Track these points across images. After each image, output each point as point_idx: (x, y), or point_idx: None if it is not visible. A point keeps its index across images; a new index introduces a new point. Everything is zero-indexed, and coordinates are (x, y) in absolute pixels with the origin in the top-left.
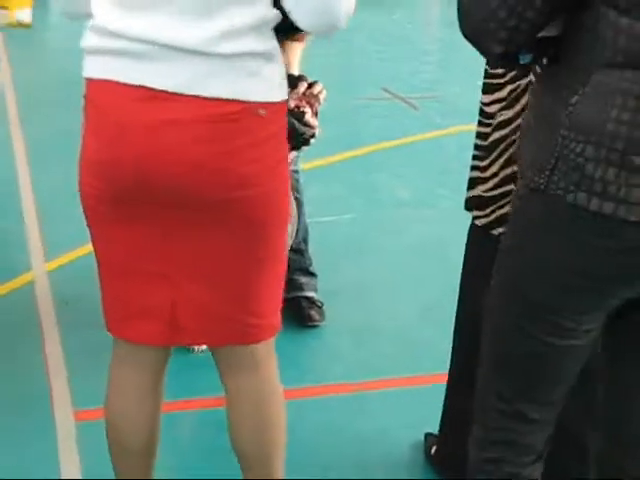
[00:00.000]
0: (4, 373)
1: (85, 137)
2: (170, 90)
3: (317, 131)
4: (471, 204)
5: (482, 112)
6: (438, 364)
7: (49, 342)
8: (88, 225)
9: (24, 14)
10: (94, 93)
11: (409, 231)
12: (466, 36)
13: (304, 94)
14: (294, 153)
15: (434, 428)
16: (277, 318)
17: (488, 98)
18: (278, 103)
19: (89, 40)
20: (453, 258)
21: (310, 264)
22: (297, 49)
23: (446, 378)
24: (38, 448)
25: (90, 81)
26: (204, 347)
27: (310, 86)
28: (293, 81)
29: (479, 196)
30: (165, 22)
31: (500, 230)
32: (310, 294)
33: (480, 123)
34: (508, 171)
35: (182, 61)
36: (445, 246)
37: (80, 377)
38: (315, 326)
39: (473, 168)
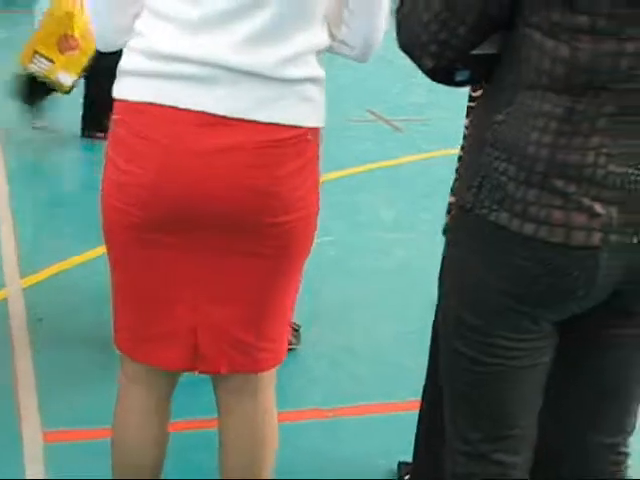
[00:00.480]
0: None
1: (117, 161)
2: (230, 116)
3: None
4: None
5: (464, 136)
6: (414, 391)
7: (20, 359)
8: (110, 248)
9: (67, 78)
10: (137, 117)
11: (391, 254)
12: (401, 48)
13: None
14: None
15: (408, 456)
16: (287, 344)
17: (467, 121)
18: (320, 127)
19: (134, 62)
20: (434, 283)
21: None
22: None
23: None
24: (3, 469)
25: (131, 104)
26: None
27: None
28: None
29: None
30: (228, 46)
31: None
32: None
33: (462, 147)
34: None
35: (244, 86)
36: (426, 270)
37: (50, 397)
38: (291, 349)
39: (452, 193)
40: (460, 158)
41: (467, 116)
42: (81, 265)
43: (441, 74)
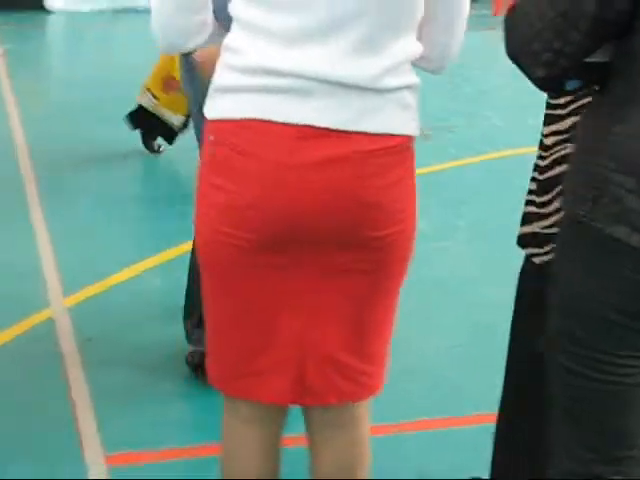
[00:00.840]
0: (29, 414)
1: (220, 183)
2: (333, 127)
3: None
4: (526, 240)
5: (541, 144)
6: (470, 406)
7: (74, 382)
8: (212, 277)
9: (174, 117)
10: (241, 134)
11: (429, 263)
12: (510, 56)
13: None
14: None
15: (477, 471)
16: (386, 368)
17: (547, 130)
18: (416, 136)
19: (232, 79)
20: (472, 292)
21: None
22: None
23: (474, 420)
24: None
25: (232, 122)
26: None
27: None
28: None
29: (536, 233)
30: (329, 59)
31: None
32: None
33: (539, 156)
34: None
35: (345, 97)
36: (464, 280)
37: (109, 419)
38: None
39: (529, 203)
40: (536, 166)
41: (546, 124)
42: (121, 284)
43: (551, 83)
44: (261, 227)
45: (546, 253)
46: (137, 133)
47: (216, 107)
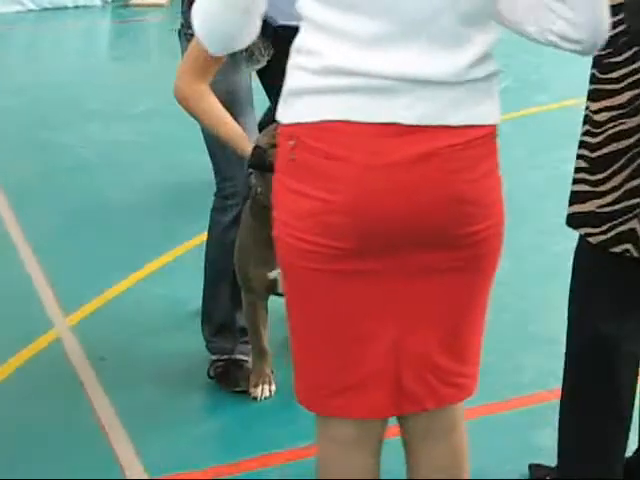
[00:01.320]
0: (61, 443)
1: (300, 189)
2: (418, 123)
3: None
4: (579, 220)
5: (589, 120)
6: (510, 389)
7: (98, 403)
8: (293, 289)
9: None
10: (324, 137)
11: None
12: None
13: None
14: None
15: (530, 458)
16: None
17: (597, 105)
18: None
19: (309, 81)
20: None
21: None
22: None
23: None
24: None
25: (313, 125)
26: (267, 394)
27: None
28: None
29: (591, 212)
30: (411, 58)
31: (623, 247)
32: None
33: (587, 133)
34: (635, 183)
35: (430, 93)
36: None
37: (146, 442)
38: None
39: (579, 181)
40: (583, 143)
41: (595, 99)
42: (121, 295)
43: None
44: (350, 233)
45: (603, 232)
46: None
47: (293, 110)
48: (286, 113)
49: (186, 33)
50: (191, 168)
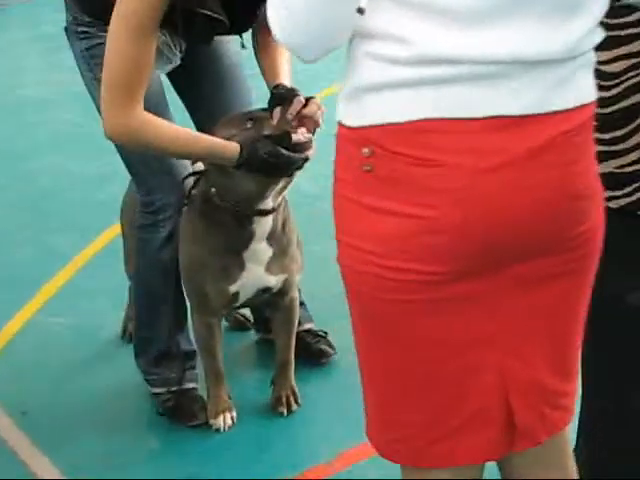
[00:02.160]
0: None
1: (380, 207)
2: (523, 113)
3: (311, 152)
4: None
5: (600, 74)
6: None
7: (39, 468)
8: (375, 325)
9: None
10: (418, 140)
11: None
12: None
13: (298, 114)
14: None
15: None
16: None
17: (609, 55)
18: None
19: (386, 73)
20: None
21: None
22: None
23: None
24: None
25: (401, 126)
26: (230, 422)
27: (306, 103)
28: (286, 95)
29: (611, 173)
30: (515, 37)
31: None
32: (309, 326)
33: (599, 87)
34: None
35: (538, 76)
36: None
37: None
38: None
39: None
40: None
41: (607, 48)
42: (20, 333)
43: None
44: (454, 253)
45: (626, 195)
46: None
47: (367, 110)
48: (355, 114)
49: (77, 31)
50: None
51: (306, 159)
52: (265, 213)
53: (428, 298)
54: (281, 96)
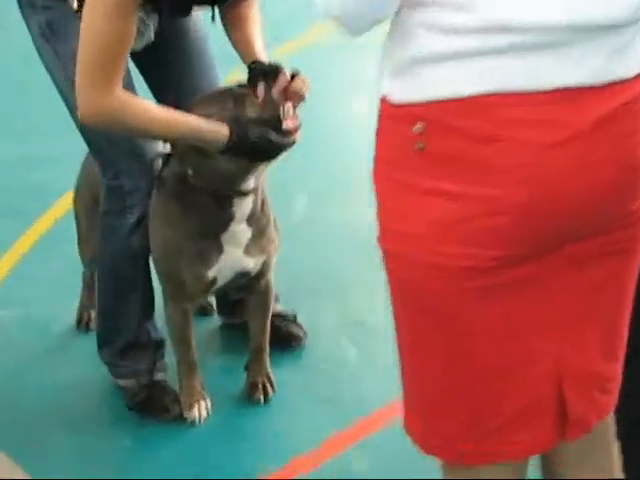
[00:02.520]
0: None
1: (437, 188)
2: (586, 82)
3: (298, 136)
4: None
5: None
6: None
7: (9, 475)
8: (425, 315)
9: None
10: (469, 116)
11: None
12: None
13: (285, 89)
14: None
15: None
16: None
17: None
18: None
19: (443, 44)
20: None
21: None
22: (257, 16)
23: None
24: None
25: (450, 102)
26: (205, 413)
27: (291, 78)
28: (268, 71)
29: None
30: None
31: None
32: (278, 308)
33: None
34: None
35: (600, 41)
36: None
37: None
38: (300, 344)
39: None
40: None
41: None
42: None
43: None
44: (518, 235)
45: None
46: None
47: (420, 84)
48: (405, 88)
49: (34, 4)
50: None
51: (293, 143)
52: (246, 194)
53: (485, 284)
54: (264, 72)
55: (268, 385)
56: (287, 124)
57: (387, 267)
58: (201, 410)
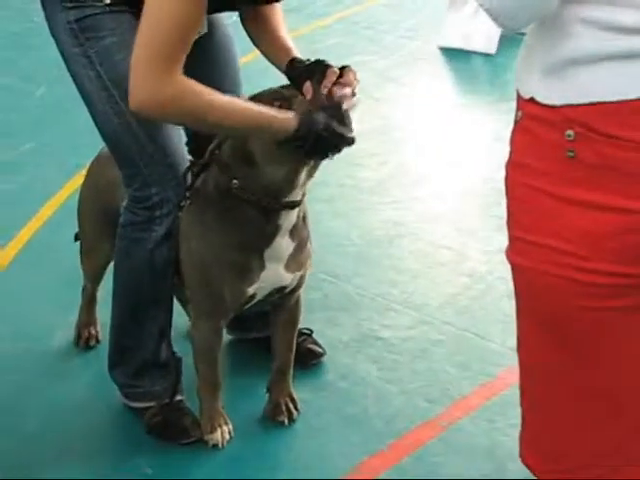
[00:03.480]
0: None
1: (591, 202)
2: None
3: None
4: None
5: None
6: None
7: None
8: (561, 334)
9: None
10: (632, 124)
11: None
12: None
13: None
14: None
15: None
16: None
17: None
18: None
19: (605, 41)
20: None
21: None
22: (280, 13)
23: None
24: None
25: (610, 107)
26: (228, 436)
27: (340, 73)
28: (314, 68)
29: None
30: None
31: None
32: None
33: None
34: None
35: None
36: None
37: None
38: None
39: None
40: None
41: None
42: None
43: None
44: None
45: None
46: None
47: (576, 85)
48: (558, 90)
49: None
50: None
51: (354, 139)
52: (293, 205)
53: (633, 304)
54: (308, 70)
55: (292, 405)
56: (346, 105)
57: (518, 283)
58: (224, 433)
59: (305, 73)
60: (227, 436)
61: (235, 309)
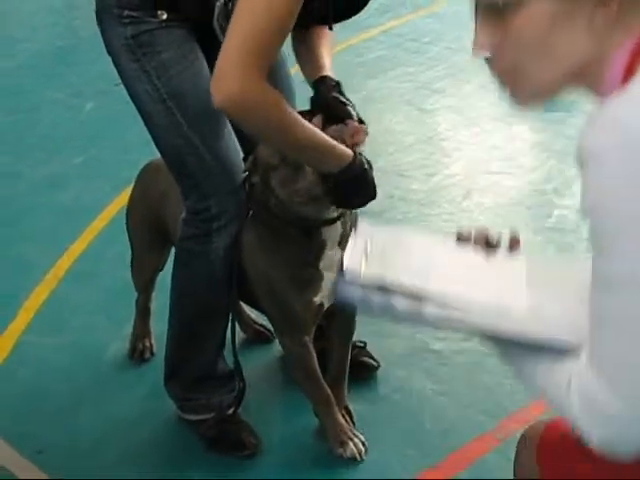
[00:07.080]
0: None
1: None
2: None
3: None
4: None
5: None
6: None
7: None
8: None
9: None
10: None
11: None
12: None
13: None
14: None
15: None
16: None
17: None
18: None
19: None
20: None
21: None
22: (330, 42)
23: None
24: None
25: None
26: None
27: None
28: (334, 109)
29: None
30: None
31: None
32: None
33: None
34: None
35: None
36: None
37: None
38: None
39: None
40: None
41: None
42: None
43: None
44: None
45: None
46: None
47: None
48: None
49: (120, 15)
50: None
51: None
52: (332, 222)
53: None
54: (327, 104)
55: (348, 418)
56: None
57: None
58: (357, 445)
59: (325, 106)
60: (362, 447)
61: (311, 320)
